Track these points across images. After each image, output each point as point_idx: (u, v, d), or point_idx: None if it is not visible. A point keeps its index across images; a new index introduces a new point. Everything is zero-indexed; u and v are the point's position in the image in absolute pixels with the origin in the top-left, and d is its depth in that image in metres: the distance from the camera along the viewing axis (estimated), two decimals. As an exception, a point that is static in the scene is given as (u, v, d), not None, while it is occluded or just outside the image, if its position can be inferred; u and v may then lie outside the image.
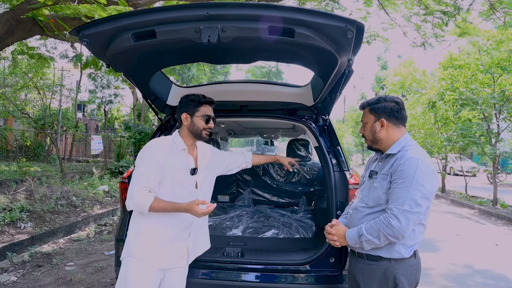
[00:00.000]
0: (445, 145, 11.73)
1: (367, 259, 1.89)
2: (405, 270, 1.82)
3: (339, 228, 1.98)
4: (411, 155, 1.80)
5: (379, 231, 1.73)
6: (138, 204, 1.93)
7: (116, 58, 2.07)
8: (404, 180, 1.73)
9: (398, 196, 1.73)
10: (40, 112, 14.05)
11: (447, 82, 10.90)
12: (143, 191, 1.95)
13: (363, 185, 2.08)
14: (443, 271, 4.86)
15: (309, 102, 2.72)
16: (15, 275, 4.40)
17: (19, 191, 8.11)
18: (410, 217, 1.70)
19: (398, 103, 1.95)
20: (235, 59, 2.40)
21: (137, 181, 1.98)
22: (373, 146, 2.02)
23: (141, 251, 2.03)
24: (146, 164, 2.02)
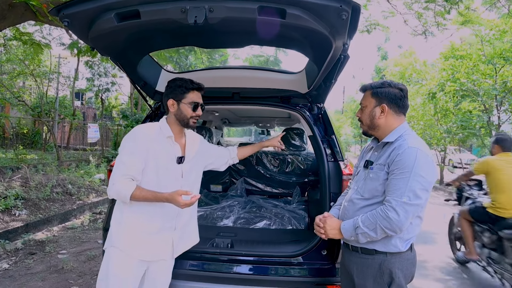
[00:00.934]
0: (445, 137, 11.65)
1: (362, 252, 1.82)
2: (401, 264, 1.77)
3: (332, 221, 1.90)
4: (410, 144, 1.72)
5: (376, 224, 1.67)
6: (119, 192, 1.87)
7: (99, 41, 1.97)
8: (403, 170, 1.66)
9: (396, 188, 1.66)
10: (37, 100, 13.90)
11: (448, 73, 10.75)
12: (125, 179, 1.88)
13: (358, 175, 1.99)
14: (439, 263, 4.84)
15: (303, 89, 2.62)
16: (7, 263, 4.37)
17: (15, 178, 8.05)
18: (408, 210, 1.64)
19: (403, 90, 1.87)
20: (225, 43, 2.30)
21: (119, 168, 1.91)
22: (369, 131, 1.94)
23: (123, 241, 1.96)
24: (128, 150, 1.94)
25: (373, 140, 1.99)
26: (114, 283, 1.92)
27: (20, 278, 3.89)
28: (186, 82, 2.06)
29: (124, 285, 1.95)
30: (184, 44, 2.63)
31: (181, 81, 2.06)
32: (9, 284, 3.71)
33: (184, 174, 2.10)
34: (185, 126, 2.09)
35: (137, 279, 1.99)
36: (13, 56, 11.89)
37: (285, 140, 3.61)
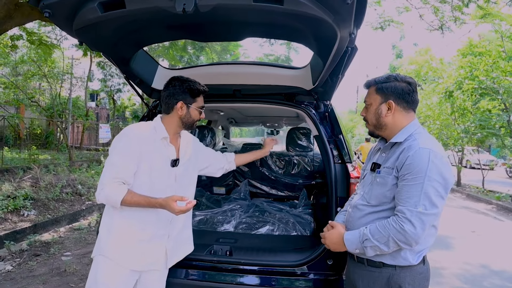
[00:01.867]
0: (462, 137, 11.22)
1: (368, 264, 1.64)
2: (412, 278, 1.57)
3: (333, 233, 1.72)
4: (421, 145, 1.53)
5: (389, 237, 1.48)
6: (108, 197, 1.73)
7: (85, 33, 1.84)
8: (415, 175, 1.47)
9: (409, 195, 1.47)
10: (50, 101, 14.09)
11: (466, 70, 10.36)
12: (115, 183, 1.74)
13: (365, 179, 1.80)
14: (456, 271, 4.56)
15: (308, 85, 2.44)
16: (11, 264, 4.32)
17: (25, 178, 8.10)
18: (425, 220, 1.45)
19: (411, 84, 1.67)
20: (221, 35, 2.14)
21: (109, 170, 1.76)
22: (376, 131, 1.75)
23: (113, 249, 1.82)
24: (119, 152, 1.80)
25: (381, 141, 1.80)
26: None
27: (21, 280, 3.82)
28: (198, 85, 1.97)
29: None
30: (178, 38, 2.50)
31: (192, 84, 1.95)
32: (9, 287, 3.64)
33: (177, 177, 1.96)
34: (189, 129, 2.01)
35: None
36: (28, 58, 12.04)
37: (291, 140, 3.43)
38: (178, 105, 1.91)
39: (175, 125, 1.95)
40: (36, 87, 15.90)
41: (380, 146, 1.78)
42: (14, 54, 13.62)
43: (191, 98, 1.94)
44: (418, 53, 14.61)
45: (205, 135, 3.60)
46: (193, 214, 2.98)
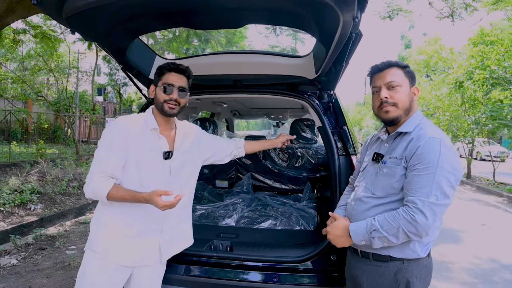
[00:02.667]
0: (473, 128, 10.98)
1: (374, 259, 1.58)
2: (418, 272, 1.53)
3: (336, 226, 1.64)
4: (430, 134, 1.49)
5: (399, 228, 1.43)
6: (95, 191, 1.68)
7: (76, 22, 1.76)
8: (427, 165, 1.43)
9: (421, 186, 1.43)
10: (57, 95, 14.16)
11: (477, 60, 10.10)
12: (102, 177, 1.69)
13: (365, 170, 1.74)
14: (466, 265, 4.45)
15: (310, 75, 2.34)
16: (16, 258, 4.34)
17: (32, 172, 8.15)
18: (437, 211, 1.41)
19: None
20: (220, 22, 2.05)
21: (96, 164, 1.72)
22: (402, 117, 1.60)
23: (101, 245, 1.78)
24: (106, 145, 1.74)
25: (382, 130, 1.74)
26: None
27: (26, 274, 3.83)
28: (164, 64, 1.87)
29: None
30: (174, 25, 2.41)
31: (161, 64, 1.87)
32: (14, 281, 3.65)
33: (172, 170, 1.87)
34: (162, 113, 1.83)
35: (116, 285, 1.81)
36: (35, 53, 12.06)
37: (295, 132, 3.34)
38: (151, 90, 1.88)
39: (159, 114, 1.85)
40: (44, 82, 15.98)
41: (381, 136, 1.72)
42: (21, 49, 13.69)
43: (158, 78, 1.85)
44: (427, 42, 14.28)
45: (207, 128, 3.53)
46: (194, 208, 2.93)
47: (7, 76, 13.58)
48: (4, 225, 5.31)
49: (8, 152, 9.96)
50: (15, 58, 13.33)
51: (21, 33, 6.81)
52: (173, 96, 1.81)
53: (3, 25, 5.65)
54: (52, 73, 12.84)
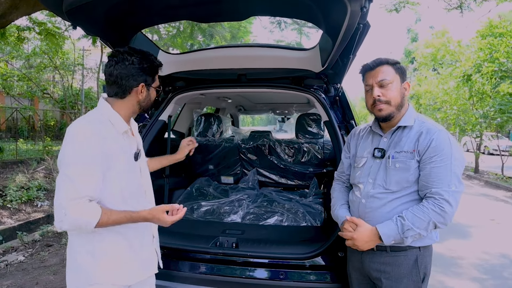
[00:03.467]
0: (481, 122, 10.82)
1: (391, 250, 1.60)
2: (430, 256, 1.65)
3: (363, 230, 1.59)
4: (436, 127, 1.59)
5: (429, 222, 1.49)
6: (78, 223, 1.36)
7: (77, 16, 1.73)
8: (443, 157, 1.51)
9: (442, 177, 1.50)
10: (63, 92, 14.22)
11: (485, 52, 9.93)
12: (80, 203, 1.35)
13: (365, 166, 1.71)
14: (475, 260, 4.39)
15: (317, 68, 2.29)
16: (23, 255, 4.36)
17: (39, 169, 8.21)
18: (458, 198, 1.51)
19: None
20: (224, 14, 2.00)
21: (68, 188, 1.35)
22: (395, 113, 1.62)
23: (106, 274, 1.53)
24: (78, 161, 1.38)
25: (374, 125, 1.74)
26: None
27: (33, 271, 3.84)
28: (156, 59, 1.63)
29: None
30: (177, 18, 2.37)
31: (153, 59, 1.60)
32: (21, 278, 3.67)
33: (142, 170, 1.70)
34: (144, 111, 1.66)
35: None
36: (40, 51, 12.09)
37: (301, 127, 3.29)
38: (139, 88, 1.56)
39: (130, 112, 1.60)
40: (49, 80, 16.04)
41: (377, 131, 1.72)
42: (27, 46, 13.74)
43: (151, 78, 1.60)
44: (434, 35, 14.06)
45: (212, 124, 3.49)
46: (199, 205, 2.90)
47: (13, 74, 13.65)
48: (12, 222, 5.35)
49: (15, 149, 10.03)
50: (21, 56, 13.38)
51: (26, 31, 6.80)
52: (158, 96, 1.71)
53: (7, 22, 5.64)
54: (58, 70, 12.88)
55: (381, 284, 1.61)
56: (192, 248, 2.18)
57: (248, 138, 3.42)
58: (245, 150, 3.41)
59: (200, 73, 2.58)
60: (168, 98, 2.64)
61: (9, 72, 13.64)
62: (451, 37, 12.79)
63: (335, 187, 1.94)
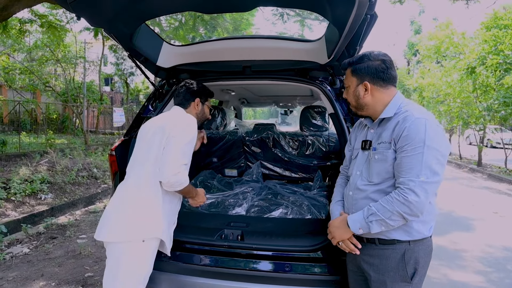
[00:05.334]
0: (484, 115, 10.75)
1: (380, 243, 1.60)
2: (424, 252, 1.59)
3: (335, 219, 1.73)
4: (416, 115, 1.52)
5: (393, 210, 1.47)
6: (180, 182, 1.86)
7: (81, 6, 1.71)
8: (414, 146, 1.47)
9: (410, 166, 1.46)
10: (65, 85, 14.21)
11: (490, 44, 9.82)
12: (185, 169, 1.90)
13: (357, 158, 1.76)
14: (478, 253, 4.39)
15: (322, 59, 2.26)
16: (28, 247, 4.39)
17: (42, 162, 8.22)
18: (428, 189, 1.45)
19: (385, 61, 1.65)
20: (229, 5, 1.98)
21: (182, 156, 1.88)
22: (359, 112, 1.74)
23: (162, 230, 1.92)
24: (190, 141, 1.94)
25: (367, 118, 1.76)
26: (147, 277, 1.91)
27: (38, 263, 3.87)
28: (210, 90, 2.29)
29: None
30: (180, 9, 2.34)
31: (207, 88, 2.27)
32: (26, 269, 3.69)
33: None
34: (199, 126, 2.15)
35: None
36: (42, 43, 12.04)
37: (305, 120, 3.27)
38: (196, 101, 2.14)
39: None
40: (51, 72, 16.02)
41: (367, 123, 1.75)
42: (28, 39, 13.69)
43: (205, 97, 2.21)
44: (438, 27, 13.90)
45: (216, 116, 3.47)
46: None
47: (15, 67, 13.63)
48: (16, 214, 5.37)
49: (18, 142, 10.05)
50: (23, 49, 13.35)
51: (28, 23, 6.76)
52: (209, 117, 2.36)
53: (9, 15, 5.61)
54: (59, 63, 12.85)
55: (369, 277, 1.63)
56: (197, 241, 2.18)
57: (252, 131, 3.40)
58: (249, 143, 3.39)
59: (205, 65, 2.56)
60: (172, 90, 2.63)
61: (11, 65, 13.61)
62: (455, 29, 12.64)
63: (338, 181, 1.98)
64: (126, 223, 1.82)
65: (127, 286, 1.80)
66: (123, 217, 1.84)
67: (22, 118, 13.24)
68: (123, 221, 1.83)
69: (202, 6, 1.94)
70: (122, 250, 1.80)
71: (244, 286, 2.05)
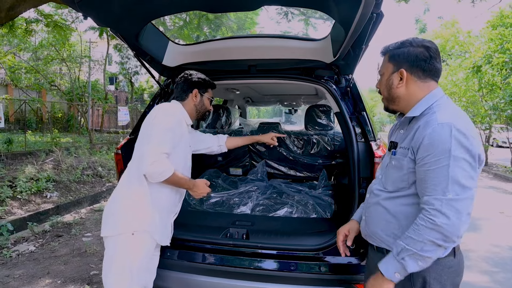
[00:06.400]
0: (490, 114, 10.68)
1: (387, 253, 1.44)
2: (438, 273, 1.35)
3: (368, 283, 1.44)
4: (440, 119, 1.29)
5: (424, 240, 1.25)
6: (160, 171, 1.78)
7: (88, 5, 1.72)
8: (438, 157, 1.25)
9: (435, 182, 1.25)
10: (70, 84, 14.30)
11: (496, 43, 9.75)
12: (164, 158, 1.80)
13: (383, 160, 1.62)
14: (484, 253, 4.37)
15: (328, 58, 2.26)
16: (34, 245, 4.42)
17: (47, 161, 8.28)
18: (460, 207, 1.22)
19: (429, 48, 1.41)
20: (235, 4, 1.98)
21: (160, 144, 1.80)
22: (390, 106, 1.54)
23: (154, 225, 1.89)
24: (168, 128, 1.86)
25: (399, 116, 1.57)
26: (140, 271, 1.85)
27: (44, 261, 3.90)
28: (210, 80, 2.17)
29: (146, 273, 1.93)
30: (187, 9, 2.34)
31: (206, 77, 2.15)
32: (32, 267, 3.72)
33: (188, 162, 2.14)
34: (200, 117, 2.17)
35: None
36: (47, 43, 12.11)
37: (310, 119, 3.26)
38: (193, 92, 2.07)
39: (190, 113, 2.09)
40: (57, 72, 16.11)
41: (398, 121, 1.56)
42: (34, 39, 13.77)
43: (204, 88, 2.12)
44: (443, 26, 13.82)
45: (220, 115, 3.48)
46: (209, 196, 2.91)
47: (21, 66, 13.72)
48: (22, 213, 5.42)
49: (24, 141, 10.12)
50: (28, 48, 13.43)
51: (33, 23, 6.81)
52: (211, 109, 2.23)
53: (15, 15, 5.65)
54: (65, 62, 12.91)
55: None
56: (202, 239, 2.19)
57: (257, 130, 3.41)
58: None
59: (210, 64, 2.57)
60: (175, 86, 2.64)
61: (17, 64, 13.70)
62: (461, 28, 12.55)
63: None
64: (116, 216, 1.85)
65: (119, 279, 1.79)
66: (114, 211, 1.87)
67: (27, 117, 13.33)
68: (114, 215, 1.86)
69: (207, 5, 1.95)
70: (114, 244, 1.82)
71: (249, 284, 2.05)
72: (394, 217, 1.45)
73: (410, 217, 1.40)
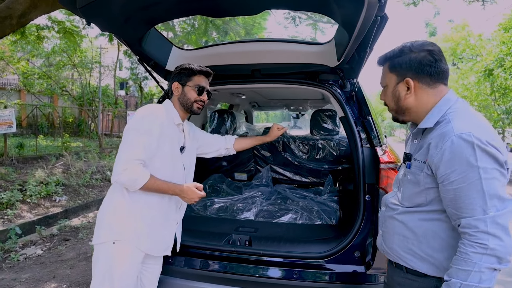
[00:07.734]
0: (503, 118, 10.48)
1: (408, 272, 1.37)
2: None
3: None
4: (458, 129, 1.17)
5: (480, 269, 1.10)
6: (133, 179, 1.65)
7: (91, 12, 1.73)
8: (465, 172, 1.13)
9: (470, 201, 1.13)
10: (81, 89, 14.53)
11: (508, 46, 9.58)
12: (137, 165, 1.66)
13: (399, 172, 1.52)
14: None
15: (332, 62, 2.23)
16: (41, 249, 4.45)
17: (57, 165, 8.38)
18: (505, 223, 1.11)
19: (432, 52, 1.30)
20: (238, 9, 1.97)
21: (130, 150, 1.66)
22: (399, 117, 1.42)
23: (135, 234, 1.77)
24: (143, 132, 1.71)
25: (412, 126, 1.46)
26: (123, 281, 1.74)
27: (50, 265, 3.92)
28: (193, 65, 1.94)
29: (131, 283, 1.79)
30: (189, 13, 2.34)
31: (188, 65, 1.93)
32: (39, 271, 3.74)
33: (185, 164, 1.97)
34: (188, 111, 1.94)
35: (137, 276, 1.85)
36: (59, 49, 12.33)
37: (315, 123, 3.23)
38: (174, 86, 1.92)
39: (179, 110, 1.94)
40: (68, 77, 16.39)
41: (411, 132, 1.45)
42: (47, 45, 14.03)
43: (186, 78, 1.92)
44: (454, 29, 13.66)
45: (225, 120, 3.47)
46: (213, 201, 2.89)
47: (34, 72, 13.98)
48: (31, 216, 5.47)
49: (35, 145, 10.28)
50: (41, 55, 13.68)
51: (45, 29, 6.94)
52: (203, 98, 1.94)
53: (26, 21, 5.75)
54: (76, 68, 13.12)
55: None
56: (205, 246, 2.17)
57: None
58: (258, 146, 3.37)
59: (214, 69, 2.55)
60: None
61: (29, 70, 13.97)
62: (472, 31, 12.39)
63: None
64: (99, 225, 1.81)
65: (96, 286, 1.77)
66: (99, 219, 1.83)
67: (39, 121, 13.56)
68: (98, 223, 1.82)
69: (209, 9, 1.94)
70: (97, 252, 1.80)
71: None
72: (412, 232, 1.35)
73: (430, 233, 1.30)
